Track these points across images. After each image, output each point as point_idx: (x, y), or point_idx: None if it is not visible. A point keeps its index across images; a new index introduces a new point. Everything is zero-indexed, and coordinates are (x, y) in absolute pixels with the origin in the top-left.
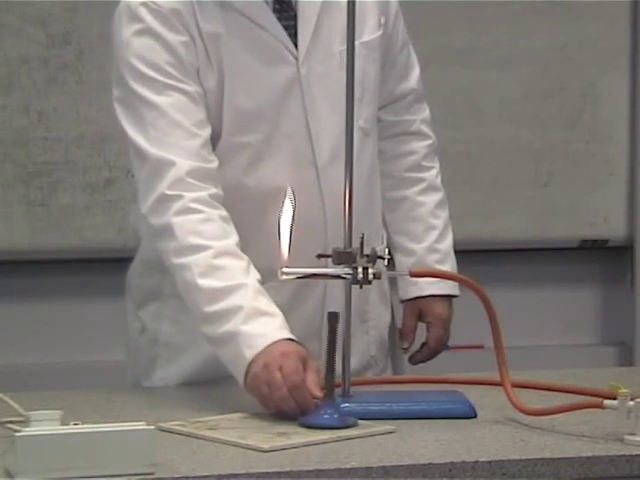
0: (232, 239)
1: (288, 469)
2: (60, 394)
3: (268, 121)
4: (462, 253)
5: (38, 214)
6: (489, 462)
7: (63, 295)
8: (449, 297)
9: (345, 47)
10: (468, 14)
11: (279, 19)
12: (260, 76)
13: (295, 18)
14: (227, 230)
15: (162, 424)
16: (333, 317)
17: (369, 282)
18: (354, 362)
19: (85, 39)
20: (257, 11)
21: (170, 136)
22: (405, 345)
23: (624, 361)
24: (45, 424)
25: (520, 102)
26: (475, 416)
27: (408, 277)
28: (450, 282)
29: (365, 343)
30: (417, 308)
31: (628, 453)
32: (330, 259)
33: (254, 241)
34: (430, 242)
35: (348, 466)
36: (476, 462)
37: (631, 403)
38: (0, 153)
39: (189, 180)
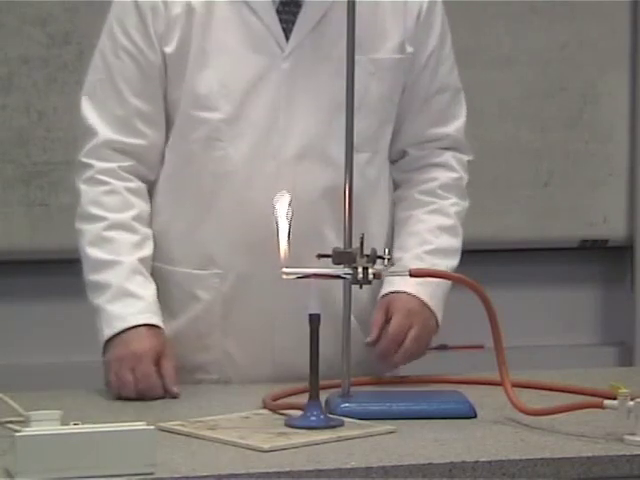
0: (132, 212)
1: (288, 469)
2: (60, 394)
3: (232, 103)
4: (462, 253)
5: (38, 214)
6: (489, 462)
7: (63, 295)
8: (422, 302)
9: (356, 57)
10: (468, 14)
11: (280, 12)
12: (236, 57)
13: (297, 12)
14: (129, 202)
15: (162, 424)
16: (314, 319)
17: (369, 282)
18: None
19: (85, 39)
20: None
21: (106, 101)
22: (369, 339)
23: (624, 361)
24: (45, 424)
25: (520, 102)
26: (475, 416)
27: (389, 278)
28: (428, 288)
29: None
30: (385, 302)
31: (628, 453)
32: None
33: (201, 224)
34: (418, 252)
35: (348, 466)
36: (476, 462)
37: (631, 403)
38: (0, 153)
39: (104, 150)
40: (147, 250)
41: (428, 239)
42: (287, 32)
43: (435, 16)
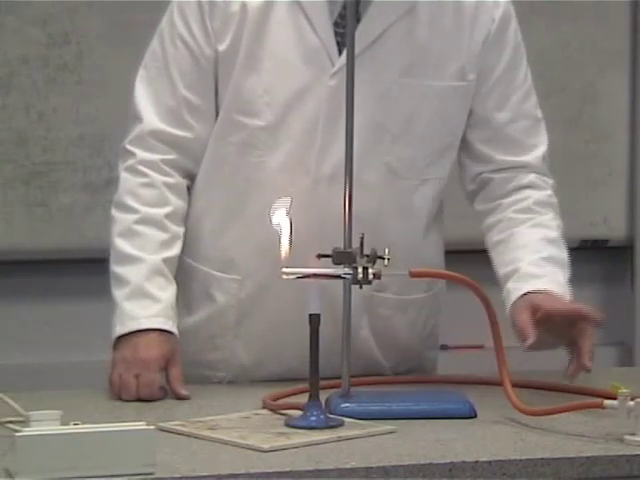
0: (166, 209)
1: (288, 469)
2: (60, 394)
3: (273, 112)
4: (462, 253)
5: (38, 214)
6: (489, 462)
7: (63, 295)
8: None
9: (402, 80)
10: None
11: (337, 24)
12: (285, 66)
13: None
14: (166, 198)
15: (162, 424)
16: (315, 319)
17: (369, 282)
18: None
19: (85, 39)
20: (313, 5)
21: (158, 89)
22: (528, 342)
23: (624, 361)
24: (45, 424)
25: None
26: (475, 416)
27: (517, 276)
28: (563, 287)
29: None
30: (528, 302)
31: (628, 453)
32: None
33: (227, 227)
34: (533, 258)
35: (348, 466)
36: (476, 462)
37: (631, 403)
38: (0, 153)
39: (149, 139)
40: (175, 250)
41: (539, 248)
42: (341, 46)
43: (508, 36)
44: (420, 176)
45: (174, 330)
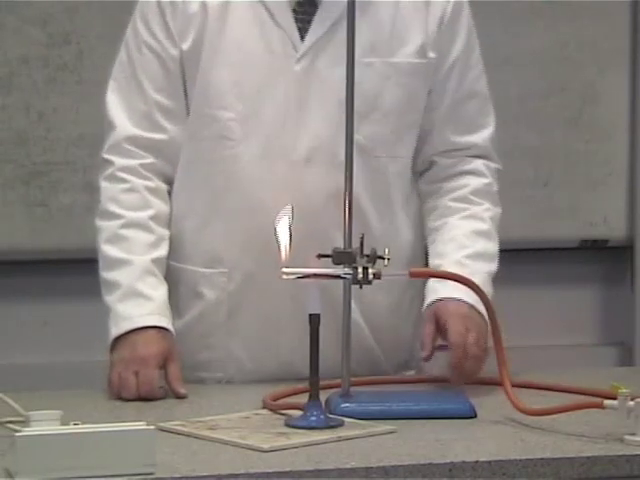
0: (150, 211)
1: (288, 469)
2: (60, 394)
3: (244, 102)
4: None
5: (38, 214)
6: (489, 462)
7: (63, 295)
8: (471, 305)
9: (364, 59)
10: None
11: (297, 12)
12: (250, 56)
13: (314, 13)
14: (148, 202)
15: (162, 424)
16: (314, 319)
17: (369, 282)
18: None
19: (85, 39)
20: None
21: (129, 96)
22: (423, 354)
23: (624, 361)
24: (45, 424)
25: (520, 102)
26: (475, 416)
27: (431, 287)
28: (472, 294)
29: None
30: (432, 311)
31: (628, 453)
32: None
33: (210, 222)
34: (457, 257)
35: (348, 466)
36: (476, 462)
37: (631, 403)
38: (0, 153)
39: (125, 146)
40: (162, 251)
41: (466, 244)
42: (302, 32)
43: (462, 19)
44: (389, 153)
45: (170, 327)
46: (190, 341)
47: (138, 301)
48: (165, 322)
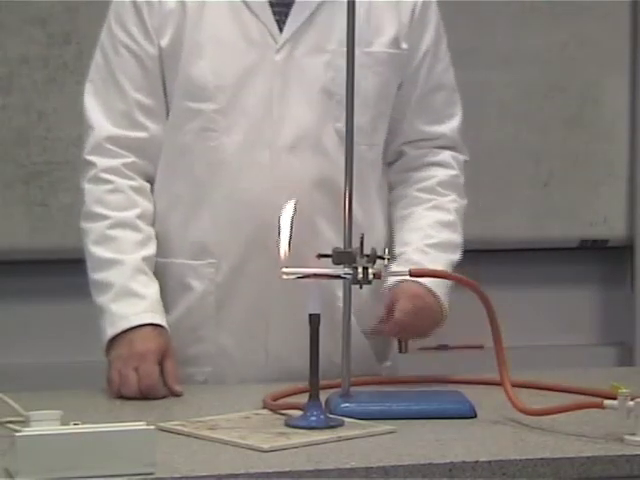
0: (136, 210)
1: (288, 469)
2: (60, 394)
3: (225, 94)
4: (462, 253)
5: (38, 214)
6: (489, 462)
7: (63, 295)
8: (427, 287)
9: (342, 49)
10: (468, 14)
11: (274, 5)
12: (229, 49)
13: (291, 6)
14: (133, 201)
15: (162, 424)
16: (314, 319)
17: (369, 282)
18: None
19: (85, 39)
20: None
21: (107, 97)
22: (367, 329)
23: (624, 361)
24: (45, 424)
25: (520, 102)
26: (475, 416)
27: (400, 260)
28: (433, 280)
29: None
30: (389, 292)
31: (628, 453)
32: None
33: (195, 214)
34: (420, 245)
35: (348, 466)
36: (476, 462)
37: (631, 403)
38: (0, 153)
39: (106, 146)
40: (151, 249)
41: (430, 233)
42: (280, 24)
43: (430, 15)
44: (367, 141)
45: (164, 324)
46: (179, 335)
47: (132, 300)
48: (159, 319)
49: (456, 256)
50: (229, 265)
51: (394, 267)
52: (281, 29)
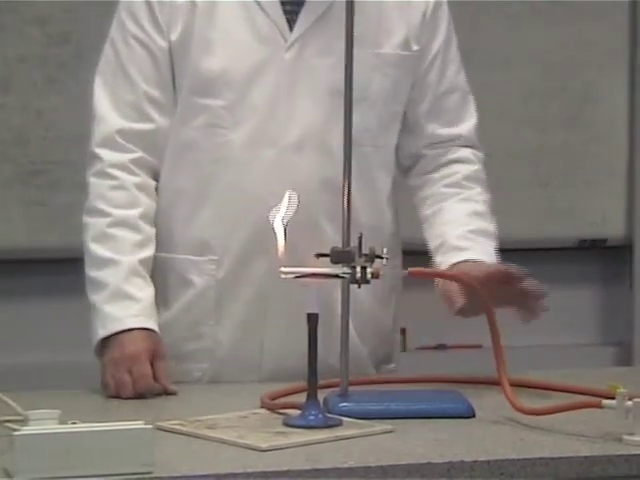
0: (138, 210)
1: (286, 468)
2: (59, 394)
3: (233, 90)
4: None
5: (37, 214)
6: (488, 462)
7: (62, 294)
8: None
9: (357, 51)
10: (468, 14)
11: (285, 3)
12: (239, 46)
13: (302, 5)
14: (136, 199)
15: (160, 423)
16: (313, 318)
17: (367, 281)
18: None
19: (85, 39)
20: None
21: (117, 88)
22: (458, 305)
23: (623, 361)
24: (43, 423)
25: (520, 102)
26: (474, 416)
27: (444, 249)
28: (490, 255)
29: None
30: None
31: (626, 453)
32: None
33: (199, 209)
34: (461, 232)
35: (346, 465)
36: (475, 462)
37: (629, 403)
38: None
39: (114, 140)
40: (149, 251)
41: (468, 221)
42: (291, 23)
43: (441, 16)
44: (374, 142)
45: (156, 328)
46: (178, 330)
47: (125, 303)
48: (151, 324)
49: (495, 243)
50: (230, 262)
51: (439, 258)
52: (291, 28)
